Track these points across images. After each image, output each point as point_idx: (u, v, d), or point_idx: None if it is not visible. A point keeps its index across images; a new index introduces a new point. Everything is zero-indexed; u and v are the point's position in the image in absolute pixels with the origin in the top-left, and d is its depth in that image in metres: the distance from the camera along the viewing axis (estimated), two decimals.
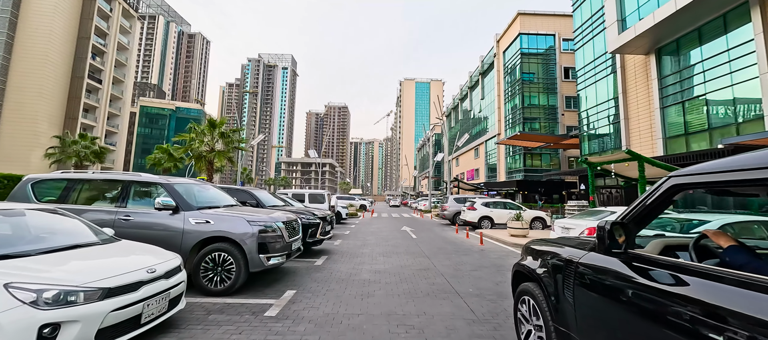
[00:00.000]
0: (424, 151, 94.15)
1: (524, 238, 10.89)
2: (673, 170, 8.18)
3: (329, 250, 8.35)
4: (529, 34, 34.44)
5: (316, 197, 13.97)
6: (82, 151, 22.38)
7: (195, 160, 14.94)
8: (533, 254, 2.83)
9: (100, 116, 44.50)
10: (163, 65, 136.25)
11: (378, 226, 16.06)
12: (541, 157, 33.61)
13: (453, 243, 10.20)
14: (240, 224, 4.55)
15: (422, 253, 8.25)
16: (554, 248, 2.56)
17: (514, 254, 8.40)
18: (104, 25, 44.69)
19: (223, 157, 14.65)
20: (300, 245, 5.69)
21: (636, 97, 18.52)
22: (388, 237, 11.46)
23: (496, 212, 14.40)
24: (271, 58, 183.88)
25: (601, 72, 21.46)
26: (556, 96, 33.70)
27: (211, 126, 14.81)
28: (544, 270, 2.53)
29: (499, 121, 39.08)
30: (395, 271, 6.17)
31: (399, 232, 13.31)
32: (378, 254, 8.00)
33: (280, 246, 4.81)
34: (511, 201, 14.95)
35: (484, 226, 14.28)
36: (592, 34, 22.38)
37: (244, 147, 16.42)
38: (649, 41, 16.78)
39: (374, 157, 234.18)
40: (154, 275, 2.93)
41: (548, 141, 27.50)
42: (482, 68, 46.23)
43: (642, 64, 18.23)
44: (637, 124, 18.41)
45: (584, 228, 7.13)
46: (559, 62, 34.01)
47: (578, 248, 2.30)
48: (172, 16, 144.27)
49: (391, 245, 9.62)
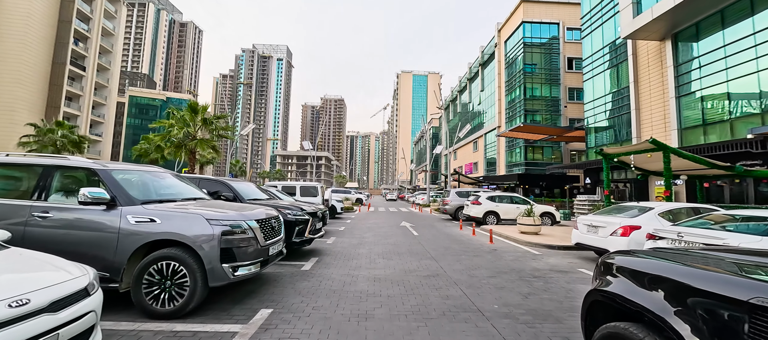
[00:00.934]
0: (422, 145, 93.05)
1: (536, 235, 9.92)
2: (703, 161, 7.09)
3: (321, 250, 7.27)
4: (532, 23, 33.22)
5: (309, 189, 12.85)
6: (60, 140, 20.87)
7: (175, 150, 13.67)
8: (635, 279, 1.76)
9: (85, 105, 42.59)
10: (154, 55, 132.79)
11: (375, 221, 15.02)
12: (542, 150, 32.71)
13: (459, 241, 9.17)
14: (197, 223, 3.43)
15: (427, 253, 7.21)
16: (693, 271, 1.50)
17: (530, 255, 7.39)
18: (87, 9, 42.47)
19: (205, 146, 13.35)
20: (282, 247, 4.60)
21: (649, 86, 17.54)
22: (387, 234, 10.41)
23: (502, 207, 13.41)
24: (265, 49, 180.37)
25: (610, 60, 20.42)
26: (559, 87, 32.68)
27: (192, 111, 13.48)
28: (674, 307, 1.46)
29: (500, 113, 38.03)
30: (398, 278, 5.11)
31: (398, 228, 12.27)
32: (377, 255, 6.94)
33: (252, 251, 3.71)
34: (518, 195, 13.99)
35: (490, 222, 13.30)
36: (601, 20, 21.27)
37: (230, 136, 15.20)
38: (665, 26, 15.74)
39: (371, 150, 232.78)
40: (21, 310, 1.82)
41: (552, 133, 26.57)
42: (482, 59, 44.98)
43: (656, 51, 17.20)
44: (649, 115, 17.47)
45: (617, 226, 6.13)
46: (563, 52, 32.92)
47: (746, 273, 1.25)
48: (163, 4, 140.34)
49: (391, 243, 8.57)
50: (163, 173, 4.70)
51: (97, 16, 43.84)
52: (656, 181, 16.71)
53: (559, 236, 10.04)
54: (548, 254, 7.57)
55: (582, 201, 14.64)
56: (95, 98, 44.80)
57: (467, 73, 50.84)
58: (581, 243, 6.95)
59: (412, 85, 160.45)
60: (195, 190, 4.81)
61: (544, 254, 7.56)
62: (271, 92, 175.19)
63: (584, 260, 6.88)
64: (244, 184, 6.97)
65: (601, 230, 6.43)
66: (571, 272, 5.78)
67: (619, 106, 19.84)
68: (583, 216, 7.26)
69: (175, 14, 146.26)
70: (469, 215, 13.68)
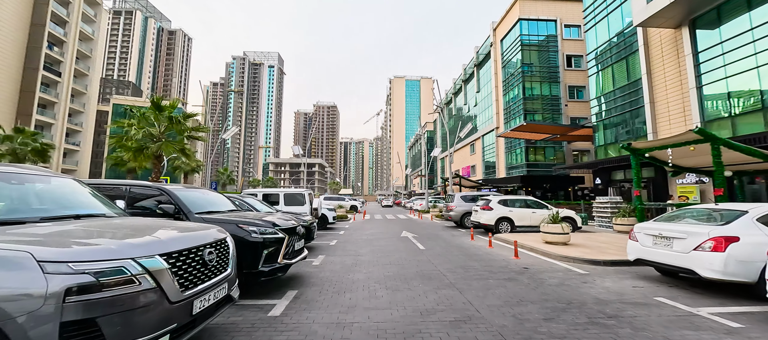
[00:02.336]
0: (416, 149, 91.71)
1: (565, 246, 8.29)
2: (759, 153, 5.42)
3: (303, 277, 5.50)
4: (529, 20, 32.21)
5: (294, 197, 11.05)
6: (19, 148, 18.68)
7: (134, 154, 11.72)
8: None
9: (60, 113, 40.07)
10: (142, 63, 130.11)
11: (372, 231, 13.25)
12: (544, 151, 31.43)
13: (477, 257, 7.48)
14: (12, 271, 1.66)
15: (443, 278, 5.49)
16: None
17: (575, 275, 5.74)
18: (63, 12, 40.23)
19: (171, 149, 11.37)
20: (230, 290, 2.85)
21: (664, 78, 16.28)
22: (387, 248, 8.66)
23: (517, 212, 11.78)
24: (256, 56, 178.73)
25: (618, 52, 19.21)
26: (558, 86, 31.58)
27: (156, 109, 11.57)
28: None
29: (498, 114, 36.81)
30: (413, 328, 3.38)
31: (400, 239, 10.53)
32: (378, 282, 5.20)
33: (146, 317, 1.95)
34: (532, 198, 12.41)
35: (503, 229, 11.66)
36: (606, 11, 20.13)
37: (203, 137, 13.33)
38: (682, 11, 14.53)
39: (364, 156, 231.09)
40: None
41: (556, 132, 25.26)
42: (477, 59, 43.96)
43: (671, 40, 15.99)
44: (665, 108, 16.18)
45: (704, 238, 4.51)
46: (562, 50, 31.93)
47: None
48: (151, 11, 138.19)
49: (395, 262, 6.83)
50: (22, 170, 2.88)
51: (74, 19, 41.61)
52: (678, 179, 15.35)
53: (593, 246, 8.42)
54: (596, 272, 5.92)
55: (603, 204, 13.11)
56: (72, 106, 42.29)
57: (462, 74, 49.78)
58: (645, 259, 5.31)
59: (405, 90, 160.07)
60: (88, 199, 3.04)
61: (590, 272, 5.90)
62: (262, 100, 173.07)
63: (653, 283, 5.24)
64: (198, 192, 5.18)
65: (678, 242, 4.80)
66: (653, 306, 4.12)
67: (630, 100, 18.58)
68: (646, 224, 5.64)
69: (163, 22, 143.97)
70: (479, 222, 12.02)
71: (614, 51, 19.57)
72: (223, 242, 2.95)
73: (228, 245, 3.03)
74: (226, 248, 2.98)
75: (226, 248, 2.98)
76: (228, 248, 3.00)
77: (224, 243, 2.97)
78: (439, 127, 66.50)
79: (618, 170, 19.49)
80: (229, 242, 3.08)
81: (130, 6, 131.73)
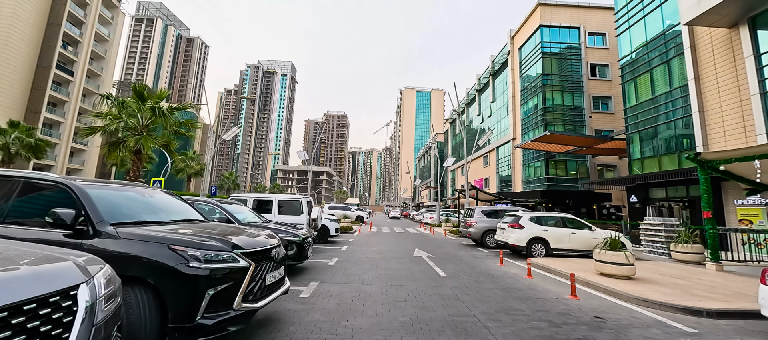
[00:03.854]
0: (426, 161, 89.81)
1: (631, 282, 6.39)
2: None
3: (279, 321, 3.80)
4: (550, 27, 30.61)
5: (290, 205, 9.43)
6: (12, 144, 17.76)
7: (109, 148, 10.33)
8: None
9: (70, 112, 39.98)
10: (159, 68, 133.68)
11: (380, 247, 11.49)
12: (565, 165, 29.27)
13: (520, 294, 5.65)
14: None
15: (486, 333, 3.71)
16: None
17: (674, 330, 3.88)
18: (80, 13, 40.64)
19: (150, 144, 9.85)
20: None
21: (716, 84, 14.30)
22: (399, 273, 6.90)
23: (553, 233, 9.87)
24: (270, 64, 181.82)
25: (659, 56, 17.32)
26: (581, 96, 29.63)
27: (138, 97, 10.24)
28: None
29: (514, 124, 34.93)
30: None
31: (413, 261, 8.75)
32: (388, 331, 3.45)
33: None
34: (572, 216, 10.48)
35: (536, 252, 9.75)
36: (643, 12, 18.36)
37: (190, 133, 11.94)
38: (739, 8, 12.69)
39: (373, 167, 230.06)
40: None
41: (582, 144, 23.17)
42: (493, 69, 42.42)
43: (724, 40, 14.09)
44: (718, 118, 14.14)
45: None
46: (585, 58, 30.10)
47: None
48: (171, 19, 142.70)
49: (411, 297, 5.08)
50: None
51: (91, 20, 42.01)
52: (736, 199, 13.20)
53: (667, 282, 6.48)
54: (708, 330, 4.04)
55: (654, 226, 11.06)
56: (83, 105, 42.28)
57: (476, 84, 48.22)
58: None
59: (415, 101, 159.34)
60: None
61: (701, 331, 4.03)
62: (274, 107, 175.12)
63: None
64: (128, 192, 3.56)
65: None
66: None
67: (671, 109, 16.57)
68: None
69: (182, 30, 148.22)
70: (507, 243, 10.15)
71: (653, 55, 17.68)
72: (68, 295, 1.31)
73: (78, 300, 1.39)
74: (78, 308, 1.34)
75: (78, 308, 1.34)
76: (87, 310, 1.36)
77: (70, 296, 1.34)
78: (450, 139, 64.74)
79: (657, 188, 17.32)
80: (84, 293, 1.44)
81: (152, 14, 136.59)
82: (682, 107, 15.91)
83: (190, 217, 3.94)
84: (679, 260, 9.75)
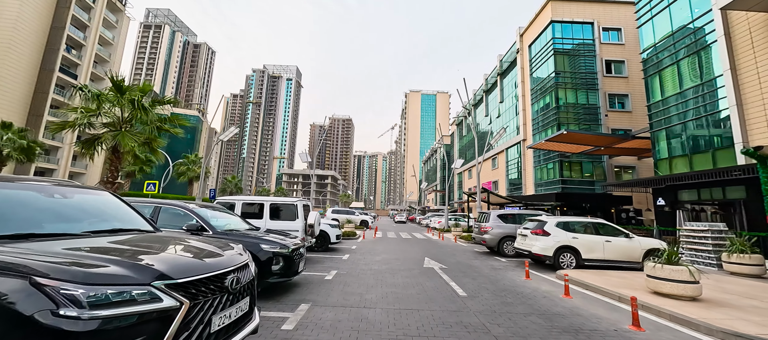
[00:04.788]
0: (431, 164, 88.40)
1: (694, 302, 5.14)
2: None
3: None
4: (562, 22, 29.32)
5: (286, 209, 8.34)
6: (4, 145, 17.10)
7: (83, 145, 9.36)
8: None
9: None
10: (166, 74, 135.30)
11: (385, 255, 10.33)
12: (580, 166, 27.79)
13: (565, 322, 4.45)
14: None
15: None
16: None
17: None
18: (84, 17, 40.57)
19: (131, 141, 8.82)
20: None
21: (756, 74, 12.92)
22: (408, 291, 5.74)
23: (584, 240, 8.61)
24: (275, 69, 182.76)
25: (687, 47, 15.96)
26: (596, 94, 28.19)
27: (117, 91, 9.29)
28: None
29: (525, 124, 33.58)
30: None
31: (424, 274, 7.58)
32: None
33: None
34: (604, 221, 9.19)
35: (565, 263, 8.49)
36: (668, 0, 17.05)
37: (177, 130, 11.00)
38: None
39: (378, 170, 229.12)
40: None
41: (602, 143, 21.66)
42: (501, 68, 41.17)
43: (764, 27, 12.73)
44: (760, 111, 12.74)
45: None
46: (600, 54, 28.71)
47: None
48: (179, 26, 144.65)
49: (425, 325, 3.92)
50: None
51: (95, 24, 41.93)
52: None
53: (740, 304, 5.20)
54: None
55: (699, 232, 9.70)
56: None
57: (483, 84, 46.97)
58: None
59: (420, 104, 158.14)
60: None
61: None
62: (279, 111, 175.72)
63: None
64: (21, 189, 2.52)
65: None
66: None
67: (702, 104, 15.17)
68: None
69: (189, 36, 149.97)
70: (530, 252, 8.91)
71: (679, 46, 16.33)
72: None
73: None
74: None
75: None
76: None
77: None
78: (456, 141, 63.43)
79: (687, 189, 15.87)
80: None
81: (160, 21, 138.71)
82: (716, 101, 14.52)
83: (127, 226, 2.86)
84: (732, 272, 8.40)
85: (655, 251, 8.54)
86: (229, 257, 2.50)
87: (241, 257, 2.67)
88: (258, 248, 4.77)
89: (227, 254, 2.54)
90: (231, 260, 2.47)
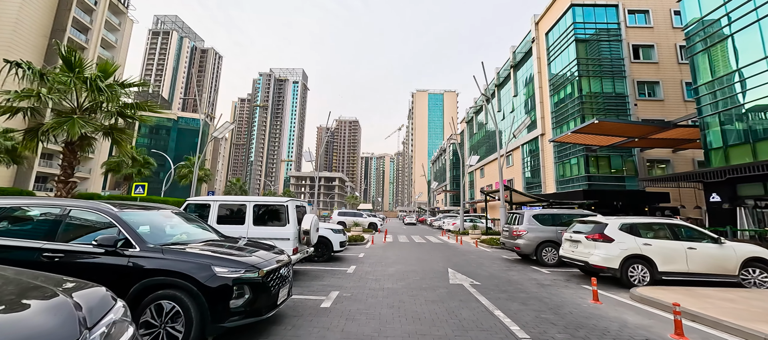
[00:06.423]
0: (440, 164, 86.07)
1: None
2: None
3: None
4: (583, 6, 27.07)
5: (274, 212, 6.56)
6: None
7: (26, 137, 7.75)
8: None
9: None
10: (175, 79, 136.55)
11: (399, 267, 8.48)
12: (608, 160, 25.44)
13: None
14: None
15: None
16: None
17: None
18: (86, 19, 39.99)
19: (78, 129, 6.92)
20: None
21: None
22: (439, 331, 3.88)
23: (660, 247, 6.61)
24: (281, 72, 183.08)
25: (743, 17, 13.69)
26: (623, 82, 25.82)
27: (66, 67, 7.66)
28: None
29: (543, 118, 31.31)
30: None
31: (451, 294, 5.70)
32: None
33: None
34: (683, 222, 7.19)
35: (636, 278, 6.50)
36: None
37: (149, 118, 9.45)
38: None
39: (385, 172, 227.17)
40: None
41: (637, 134, 19.21)
42: (514, 60, 38.97)
43: None
44: None
45: None
46: (626, 39, 26.36)
47: None
48: (186, 32, 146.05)
49: None
50: None
51: (97, 26, 41.33)
52: None
53: None
54: None
55: None
56: None
57: (495, 78, 44.73)
58: None
59: (427, 104, 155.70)
60: None
61: None
62: (286, 114, 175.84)
63: None
64: None
65: None
66: None
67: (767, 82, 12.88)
68: None
69: (197, 42, 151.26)
70: (587, 262, 6.94)
71: (735, 16, 14.07)
72: None
73: None
74: None
75: None
76: None
77: None
78: (467, 139, 61.21)
79: (751, 183, 13.57)
80: None
81: (168, 27, 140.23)
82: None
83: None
84: None
85: (758, 260, 6.49)
86: None
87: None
88: (205, 271, 2.96)
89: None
90: None
